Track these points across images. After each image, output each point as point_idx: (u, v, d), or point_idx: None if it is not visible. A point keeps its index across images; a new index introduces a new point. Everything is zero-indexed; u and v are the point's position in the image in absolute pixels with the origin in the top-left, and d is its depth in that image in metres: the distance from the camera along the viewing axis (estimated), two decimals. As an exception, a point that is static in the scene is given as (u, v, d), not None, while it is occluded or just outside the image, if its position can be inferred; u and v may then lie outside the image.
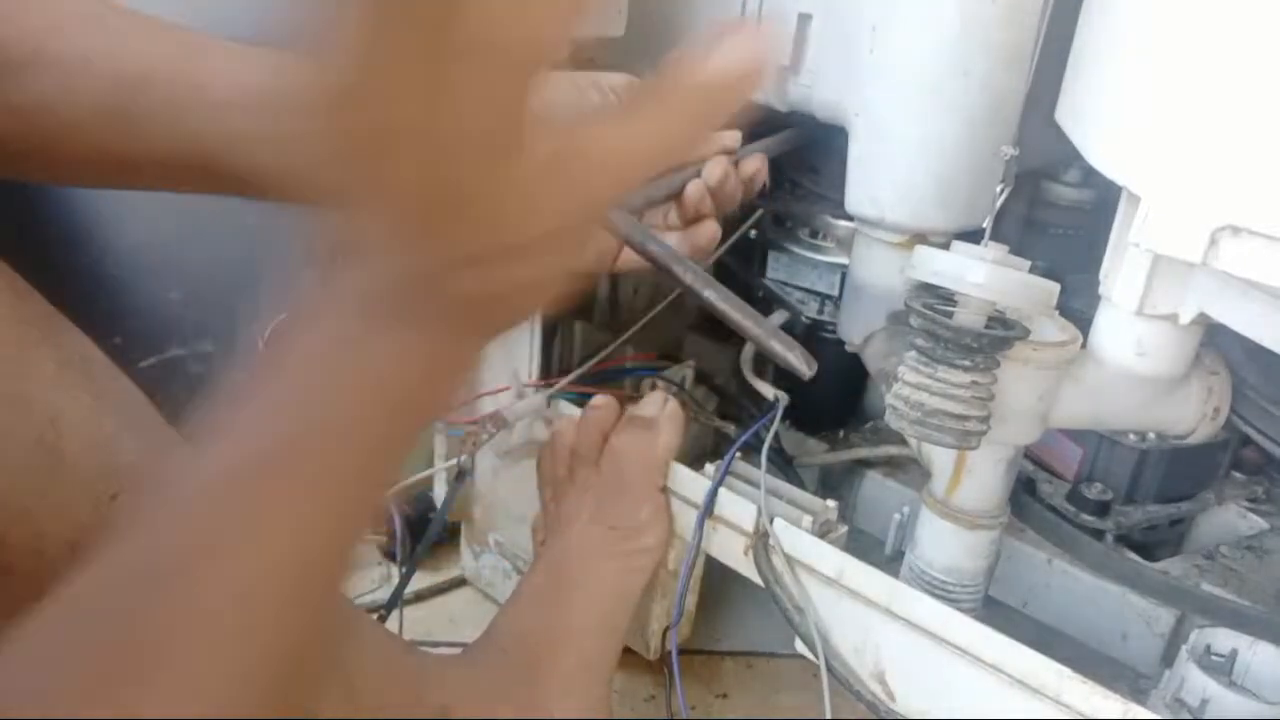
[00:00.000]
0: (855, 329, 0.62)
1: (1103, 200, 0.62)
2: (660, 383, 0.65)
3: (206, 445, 0.27)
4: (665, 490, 0.60)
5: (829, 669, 0.54)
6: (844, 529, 0.58)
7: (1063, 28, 0.52)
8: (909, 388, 0.49)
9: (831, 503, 0.57)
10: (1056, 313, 0.53)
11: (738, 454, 0.60)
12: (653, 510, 0.59)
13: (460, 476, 0.64)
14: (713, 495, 0.57)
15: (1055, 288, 0.49)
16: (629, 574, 0.58)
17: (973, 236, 0.52)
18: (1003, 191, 0.50)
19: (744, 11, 0.61)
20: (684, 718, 0.57)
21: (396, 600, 0.64)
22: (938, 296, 0.51)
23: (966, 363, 0.48)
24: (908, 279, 0.51)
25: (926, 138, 0.55)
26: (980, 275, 0.46)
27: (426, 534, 0.64)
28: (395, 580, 0.77)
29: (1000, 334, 0.48)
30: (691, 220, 0.55)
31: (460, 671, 0.55)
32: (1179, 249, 0.42)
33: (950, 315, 0.49)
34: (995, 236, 0.50)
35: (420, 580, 0.77)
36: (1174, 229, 0.42)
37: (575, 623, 0.57)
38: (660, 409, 0.60)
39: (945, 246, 0.50)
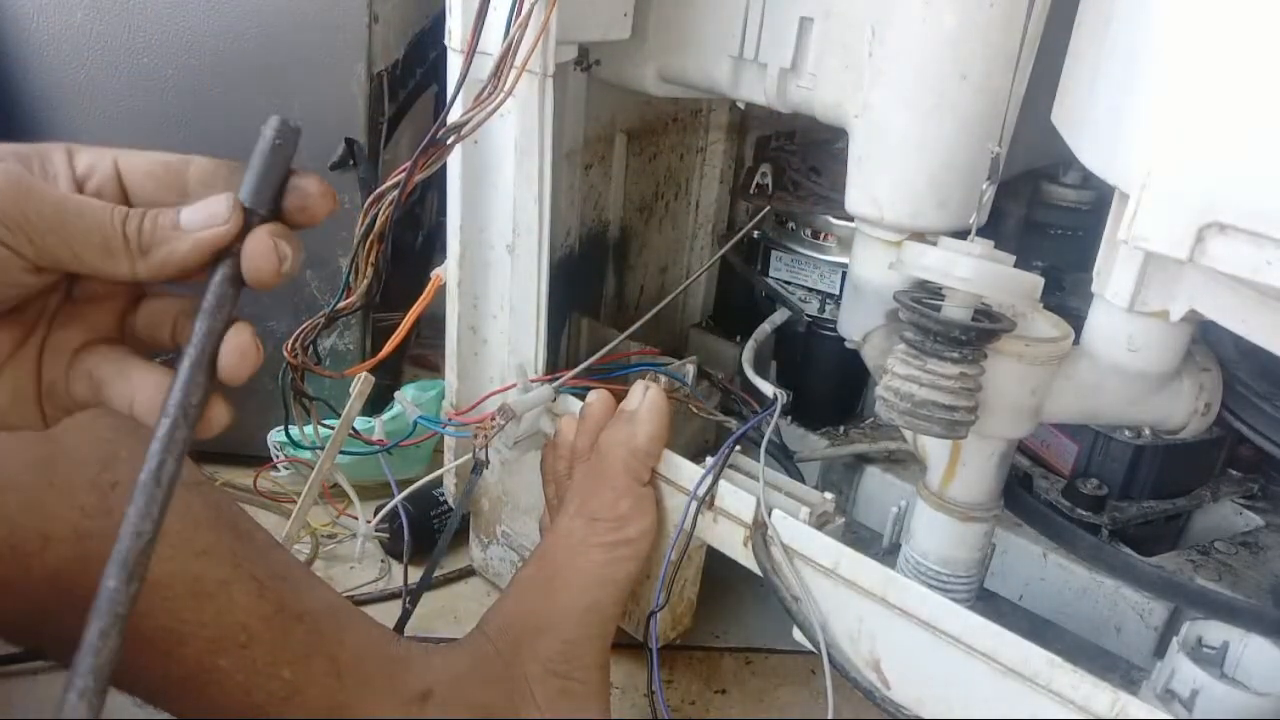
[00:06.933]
0: (854, 326, 0.63)
1: (1101, 201, 0.62)
2: (647, 373, 0.65)
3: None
4: (652, 482, 0.60)
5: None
6: (841, 520, 0.58)
7: (1060, 32, 0.53)
8: (899, 379, 0.50)
9: (829, 495, 0.58)
10: (1041, 306, 0.53)
11: (738, 448, 0.60)
12: (635, 502, 0.59)
13: (477, 469, 0.64)
14: (703, 481, 0.57)
15: (1039, 281, 0.50)
16: (613, 563, 0.58)
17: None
18: (989, 188, 0.51)
19: (746, 17, 0.62)
20: (656, 690, 0.57)
21: (420, 592, 0.65)
22: (927, 291, 0.52)
23: (954, 355, 0.49)
24: (899, 274, 0.52)
25: (925, 139, 0.56)
26: (966, 269, 0.47)
27: (447, 529, 0.65)
28: (395, 575, 0.78)
29: (987, 326, 0.48)
30: None
31: (444, 657, 0.56)
32: (1167, 246, 0.42)
33: (938, 309, 0.49)
34: (997, 239, 0.51)
35: (429, 570, 0.78)
36: (1162, 227, 0.42)
37: (559, 609, 0.57)
38: (640, 400, 0.59)
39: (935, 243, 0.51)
